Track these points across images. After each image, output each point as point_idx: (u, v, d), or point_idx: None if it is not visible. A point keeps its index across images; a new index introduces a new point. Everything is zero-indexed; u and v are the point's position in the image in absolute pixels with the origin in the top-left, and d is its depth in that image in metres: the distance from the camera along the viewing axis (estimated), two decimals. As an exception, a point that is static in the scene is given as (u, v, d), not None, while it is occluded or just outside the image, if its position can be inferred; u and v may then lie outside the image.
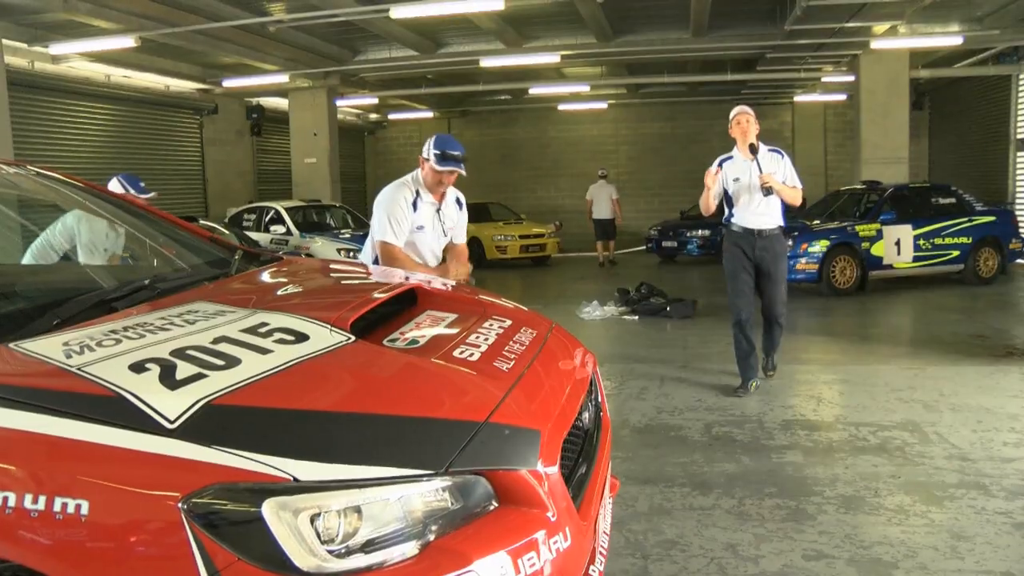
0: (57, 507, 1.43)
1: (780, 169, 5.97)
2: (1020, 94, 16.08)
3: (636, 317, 9.97)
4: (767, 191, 5.80)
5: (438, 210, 4.35)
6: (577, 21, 13.55)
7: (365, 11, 11.71)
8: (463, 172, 4.25)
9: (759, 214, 5.96)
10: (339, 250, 12.80)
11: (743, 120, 5.97)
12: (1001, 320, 9.36)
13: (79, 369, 1.67)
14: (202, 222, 12.74)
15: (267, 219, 14.29)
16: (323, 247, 13.01)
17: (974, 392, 5.94)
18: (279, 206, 14.49)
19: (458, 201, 4.54)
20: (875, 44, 13.80)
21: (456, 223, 4.53)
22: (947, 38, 13.88)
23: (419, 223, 4.28)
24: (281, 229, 13.70)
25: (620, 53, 15.81)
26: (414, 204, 4.25)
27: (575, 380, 2.24)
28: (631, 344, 8.44)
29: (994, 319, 9.34)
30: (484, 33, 14.47)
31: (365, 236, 14.55)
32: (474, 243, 17.23)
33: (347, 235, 13.63)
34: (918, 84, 17.01)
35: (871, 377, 6.55)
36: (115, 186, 5.64)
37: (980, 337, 8.13)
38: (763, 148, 5.97)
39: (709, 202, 6.01)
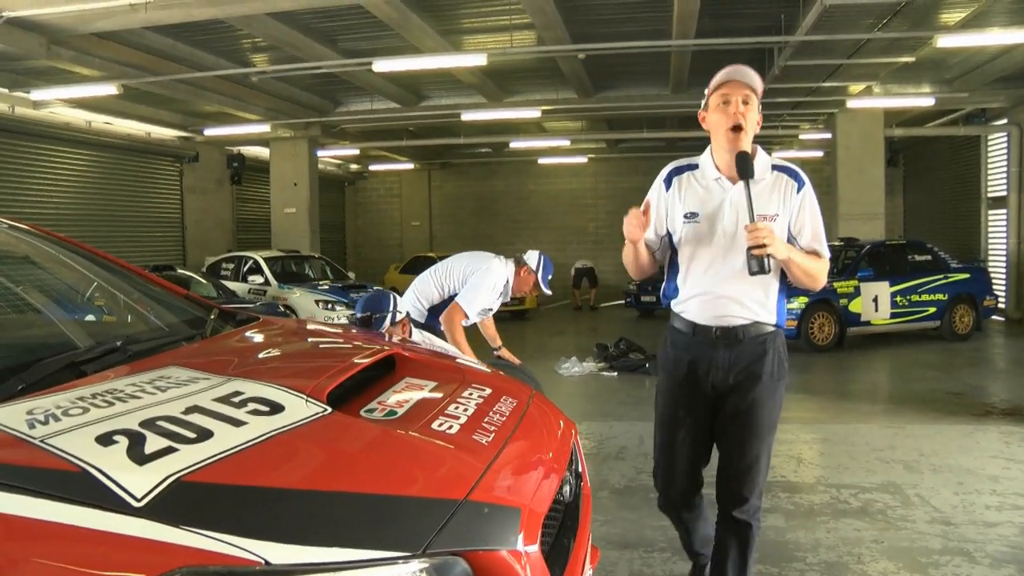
0: (8, 593, 1.35)
1: (788, 210, 2.92)
2: (989, 154, 16.42)
3: (615, 373, 9.94)
4: (759, 264, 2.72)
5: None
6: (558, 77, 13.73)
7: (348, 64, 11.81)
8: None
9: (730, 296, 2.93)
10: (317, 302, 12.72)
11: (735, 96, 2.84)
12: (978, 377, 9.41)
13: (42, 441, 1.59)
14: (179, 271, 12.66)
15: (245, 269, 14.21)
16: (301, 298, 12.93)
17: (954, 452, 5.93)
18: (258, 256, 14.43)
19: None
20: (851, 103, 14.12)
21: None
22: (919, 99, 14.22)
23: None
24: (259, 279, 13.62)
25: (600, 108, 16.02)
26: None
27: (556, 452, 2.19)
28: (610, 401, 8.39)
29: (971, 376, 9.39)
30: (466, 87, 14.62)
31: (344, 288, 14.48)
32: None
33: (325, 286, 13.56)
34: (892, 142, 17.35)
35: (851, 436, 6.53)
36: (532, 257, 5.39)
37: (958, 395, 8.15)
38: (763, 158, 2.95)
39: (640, 260, 3.07)
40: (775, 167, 2.97)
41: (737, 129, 2.83)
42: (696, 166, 3.03)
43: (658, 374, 3.23)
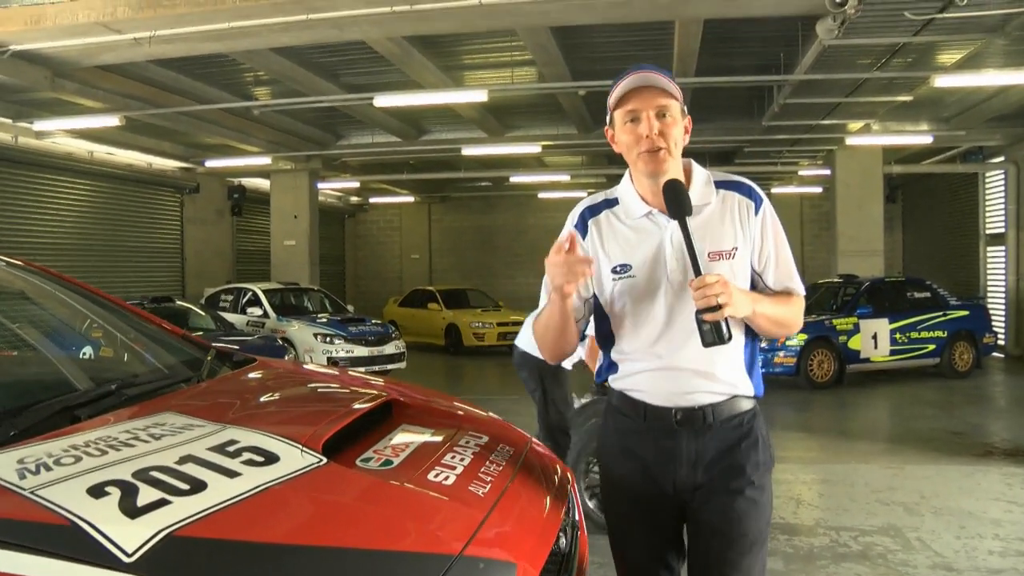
0: (-10, 656, 1.32)
1: (748, 239, 2.15)
2: (987, 191, 16.50)
3: (614, 408, 9.88)
4: (716, 332, 1.94)
5: None
6: (558, 112, 13.82)
7: (349, 98, 11.89)
8: None
9: (692, 368, 2.12)
10: (316, 335, 12.67)
11: (646, 110, 2.09)
12: (978, 416, 9.38)
13: (31, 492, 1.57)
14: (178, 302, 12.64)
15: (244, 301, 14.17)
16: (300, 331, 12.88)
17: (955, 494, 5.88)
18: (257, 288, 14.40)
19: None
20: (850, 140, 14.21)
21: None
22: (917, 136, 14.32)
23: None
24: (258, 312, 13.57)
25: (600, 144, 16.04)
26: None
27: (553, 501, 2.17)
28: (609, 437, 8.33)
29: (971, 414, 9.35)
30: (466, 122, 14.70)
31: (343, 321, 14.40)
32: (452, 329, 17.20)
33: (324, 319, 13.52)
34: (891, 178, 17.45)
35: (851, 476, 6.48)
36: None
37: (958, 434, 8.11)
38: (700, 177, 2.23)
39: (555, 334, 2.20)
40: (720, 184, 2.21)
41: (655, 151, 2.10)
42: (615, 201, 2.28)
43: (600, 475, 2.38)
